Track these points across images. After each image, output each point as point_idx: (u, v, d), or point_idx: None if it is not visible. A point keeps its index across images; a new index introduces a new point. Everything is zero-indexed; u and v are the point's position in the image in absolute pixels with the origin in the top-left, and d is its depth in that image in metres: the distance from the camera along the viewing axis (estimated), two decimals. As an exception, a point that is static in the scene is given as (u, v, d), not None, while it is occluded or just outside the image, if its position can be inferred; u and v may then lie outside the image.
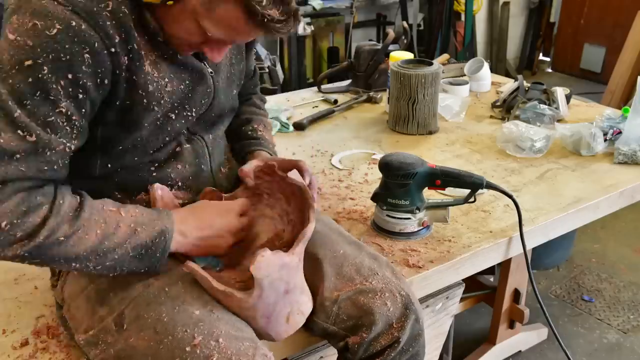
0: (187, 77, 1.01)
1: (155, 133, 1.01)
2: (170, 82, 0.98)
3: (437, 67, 1.83)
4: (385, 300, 1.03)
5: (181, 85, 1.01)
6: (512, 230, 1.35)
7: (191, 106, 1.04)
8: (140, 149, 1.01)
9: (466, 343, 2.05)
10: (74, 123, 0.88)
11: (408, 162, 1.26)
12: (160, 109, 0.98)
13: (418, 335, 1.07)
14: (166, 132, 1.02)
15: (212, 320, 0.91)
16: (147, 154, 1.03)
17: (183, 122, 1.04)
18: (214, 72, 1.07)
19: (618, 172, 1.63)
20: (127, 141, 0.98)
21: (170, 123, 1.02)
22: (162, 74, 0.97)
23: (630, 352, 2.06)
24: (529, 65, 5.23)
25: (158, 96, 0.97)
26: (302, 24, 3.80)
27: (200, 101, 1.05)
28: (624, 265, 2.53)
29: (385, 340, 1.03)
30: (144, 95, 0.95)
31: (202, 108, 1.07)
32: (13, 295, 1.18)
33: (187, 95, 1.02)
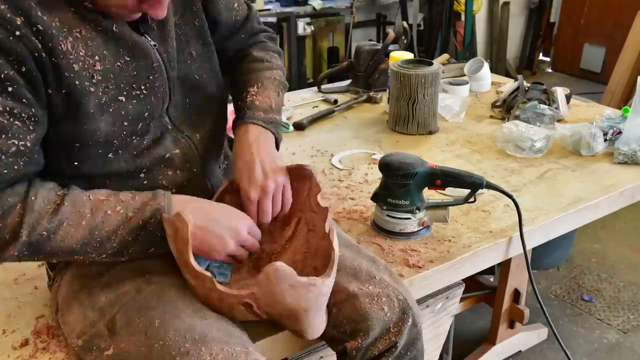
0: (125, 53, 0.95)
1: (112, 122, 0.95)
2: (102, 60, 0.91)
3: (437, 67, 1.83)
4: (382, 305, 1.02)
5: (118, 62, 0.94)
6: (512, 230, 1.35)
7: (138, 83, 0.96)
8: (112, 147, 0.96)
9: (466, 343, 2.05)
10: (21, 116, 0.85)
11: (408, 162, 1.26)
12: (99, 90, 0.92)
13: (416, 339, 1.06)
14: (125, 119, 0.96)
15: (203, 326, 0.91)
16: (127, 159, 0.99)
17: (136, 102, 0.97)
18: (158, 45, 1.00)
19: (618, 172, 1.63)
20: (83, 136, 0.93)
21: (124, 107, 0.95)
22: (91, 52, 0.90)
23: (630, 352, 2.06)
24: (529, 65, 5.23)
25: (87, 75, 0.90)
26: (302, 23, 3.81)
27: (148, 77, 0.98)
28: (624, 265, 2.53)
29: (382, 345, 1.02)
30: (71, 77, 0.88)
31: (154, 85, 0.99)
32: (13, 295, 1.18)
33: (131, 73, 0.95)
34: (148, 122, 1.01)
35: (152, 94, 1.00)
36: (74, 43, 0.89)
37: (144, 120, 1.00)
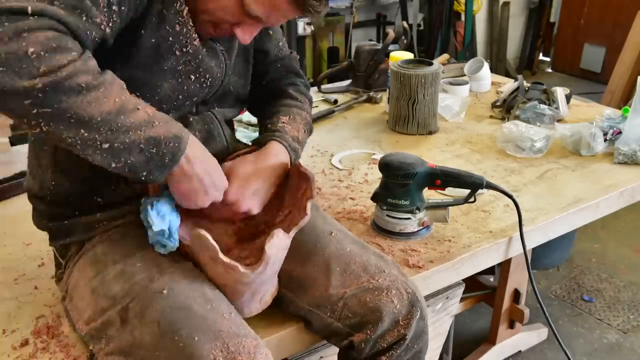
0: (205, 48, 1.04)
1: (174, 89, 1.02)
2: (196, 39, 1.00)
3: (437, 67, 1.83)
4: (392, 297, 1.04)
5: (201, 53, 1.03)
6: (512, 230, 1.35)
7: (208, 74, 1.06)
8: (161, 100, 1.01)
9: (466, 343, 2.05)
10: (112, 12, 0.87)
11: (408, 162, 1.27)
12: (183, 58, 1.00)
13: (423, 332, 1.08)
14: (182, 92, 1.03)
15: (215, 317, 0.92)
16: None
17: (199, 87, 1.05)
18: (224, 51, 1.10)
19: (618, 172, 1.63)
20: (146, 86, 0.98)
21: (189, 83, 1.03)
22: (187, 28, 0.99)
23: (630, 352, 2.06)
24: (529, 65, 5.23)
25: (183, 41, 0.98)
26: (302, 23, 3.81)
27: (216, 74, 1.08)
28: (624, 265, 2.53)
29: (391, 338, 1.04)
30: (169, 32, 0.96)
31: (215, 82, 1.09)
32: (13, 295, 1.18)
33: (208, 64, 1.05)
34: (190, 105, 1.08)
35: (209, 88, 1.08)
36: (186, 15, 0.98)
37: (191, 101, 1.07)
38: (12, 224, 1.40)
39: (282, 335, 1.08)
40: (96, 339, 0.95)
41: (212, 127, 1.13)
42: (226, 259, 0.93)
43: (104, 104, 0.82)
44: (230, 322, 0.92)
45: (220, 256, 0.93)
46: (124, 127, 0.84)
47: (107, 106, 0.82)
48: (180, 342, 0.88)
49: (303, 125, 1.22)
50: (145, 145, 0.86)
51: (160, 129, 0.87)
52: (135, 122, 0.85)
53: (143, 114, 0.86)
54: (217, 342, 0.88)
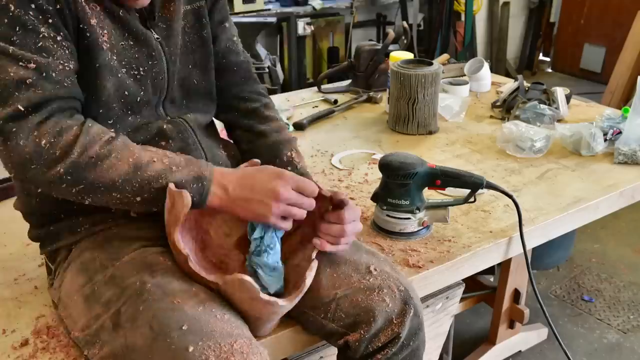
0: (130, 37, 1.03)
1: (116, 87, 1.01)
2: (109, 34, 1.00)
3: (437, 67, 1.83)
4: (383, 296, 1.03)
5: (122, 42, 1.02)
6: (512, 230, 1.35)
7: (137, 65, 1.04)
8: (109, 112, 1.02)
9: (466, 343, 2.05)
10: (62, 44, 0.93)
11: (408, 162, 1.27)
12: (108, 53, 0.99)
13: (418, 329, 1.07)
14: (126, 88, 1.03)
15: (207, 318, 0.91)
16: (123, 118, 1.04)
17: (133, 81, 1.04)
18: (161, 39, 1.08)
19: (618, 172, 1.63)
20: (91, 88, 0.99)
21: (125, 80, 1.03)
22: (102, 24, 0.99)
23: (630, 352, 2.06)
24: (529, 65, 5.23)
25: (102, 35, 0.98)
26: (302, 23, 3.81)
27: (148, 62, 1.05)
28: (624, 265, 2.53)
29: (385, 337, 1.03)
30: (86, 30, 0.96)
31: (152, 71, 1.06)
32: (13, 295, 1.18)
33: (133, 55, 1.04)
34: (143, 105, 1.07)
35: (149, 78, 1.07)
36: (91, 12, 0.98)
37: (139, 100, 1.06)
38: (12, 224, 1.40)
39: (280, 336, 1.08)
40: (90, 344, 0.95)
41: (187, 135, 1.12)
42: (266, 296, 0.94)
43: (120, 167, 0.93)
44: (224, 322, 0.92)
45: (261, 296, 0.93)
46: (145, 180, 0.94)
47: (124, 168, 0.93)
48: (172, 344, 0.88)
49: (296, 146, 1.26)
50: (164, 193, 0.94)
51: (180, 174, 0.95)
52: (153, 174, 0.94)
53: (159, 164, 0.95)
54: (209, 343, 0.88)
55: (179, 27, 1.12)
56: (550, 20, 5.14)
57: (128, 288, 0.96)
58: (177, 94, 1.14)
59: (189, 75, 1.15)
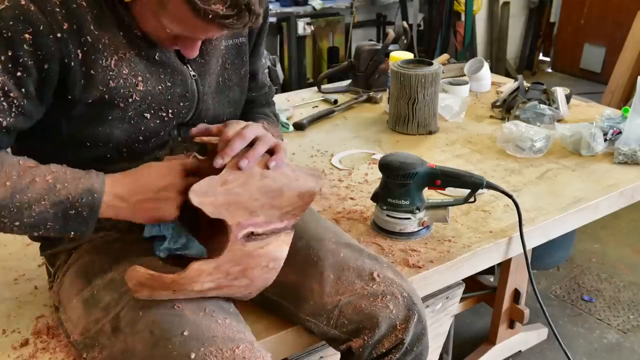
0: (166, 79, 1.00)
1: (129, 132, 0.98)
2: (144, 82, 0.97)
3: (437, 67, 1.83)
4: (387, 302, 1.03)
5: (159, 85, 0.99)
6: (512, 230, 1.35)
7: (167, 107, 1.02)
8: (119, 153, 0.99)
9: (466, 343, 2.05)
10: (12, 101, 0.86)
11: (408, 162, 1.27)
12: (129, 107, 0.96)
13: (421, 335, 1.07)
14: (140, 132, 1.00)
15: (209, 323, 0.91)
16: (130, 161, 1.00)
17: (159, 122, 1.01)
18: (197, 76, 1.05)
19: (618, 172, 1.63)
20: (95, 137, 0.96)
21: (145, 123, 1.00)
22: (135, 72, 0.95)
23: (630, 352, 2.06)
24: (529, 65, 5.23)
25: (124, 93, 0.95)
26: (302, 23, 3.81)
27: (178, 104, 1.03)
28: (624, 265, 2.53)
29: (389, 343, 1.03)
30: (104, 91, 0.93)
31: (181, 112, 1.04)
32: (13, 295, 1.18)
33: (166, 96, 1.01)
34: (162, 134, 1.04)
35: (176, 118, 1.04)
36: (118, 62, 0.93)
37: (157, 135, 1.03)
38: (12, 224, 1.40)
39: (282, 337, 1.08)
40: (89, 348, 0.95)
41: None
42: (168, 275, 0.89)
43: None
44: (225, 327, 0.92)
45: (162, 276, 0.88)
46: (24, 204, 0.85)
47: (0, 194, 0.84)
48: (173, 350, 0.87)
49: (275, 126, 1.21)
50: (54, 210, 0.87)
51: (66, 190, 0.88)
52: (33, 196, 0.86)
53: (41, 184, 0.86)
54: (211, 349, 0.87)
55: (217, 64, 1.08)
56: (550, 20, 5.14)
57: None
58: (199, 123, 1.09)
59: (222, 113, 1.12)
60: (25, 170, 0.87)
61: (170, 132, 1.06)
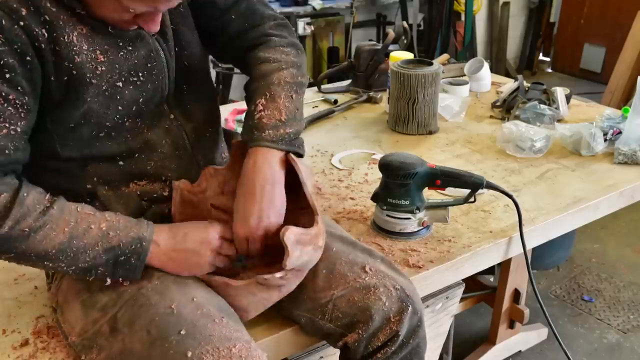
0: (126, 44, 0.98)
1: (106, 104, 0.97)
2: (104, 53, 0.95)
3: (437, 67, 1.83)
4: (379, 295, 1.03)
5: (120, 52, 0.97)
6: (512, 230, 1.35)
7: (137, 71, 0.99)
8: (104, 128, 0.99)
9: (466, 343, 2.05)
10: (15, 103, 0.87)
11: (408, 162, 1.27)
12: (100, 80, 0.95)
13: (417, 327, 1.07)
14: (119, 103, 0.99)
15: (206, 322, 0.91)
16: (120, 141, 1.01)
17: (132, 88, 0.99)
18: (158, 35, 1.02)
19: (618, 172, 1.63)
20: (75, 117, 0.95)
21: (120, 92, 0.98)
22: (93, 47, 0.94)
23: (630, 352, 2.06)
24: (529, 65, 5.22)
25: (90, 67, 0.94)
26: (302, 23, 3.81)
27: (145, 64, 1.01)
28: (624, 265, 2.53)
29: (384, 336, 1.03)
30: (72, 67, 0.92)
31: (152, 72, 1.02)
32: (13, 295, 1.18)
33: (133, 61, 0.99)
34: (143, 107, 1.03)
35: (149, 81, 1.02)
36: (78, 37, 0.92)
37: (138, 104, 1.02)
38: (12, 224, 1.40)
39: (280, 337, 1.08)
40: (87, 349, 0.96)
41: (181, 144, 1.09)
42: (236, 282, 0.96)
43: (54, 238, 0.89)
44: (222, 326, 0.92)
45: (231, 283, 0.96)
46: (80, 249, 0.91)
47: (58, 238, 0.90)
48: (170, 349, 0.88)
49: (286, 93, 1.08)
50: (107, 257, 0.93)
51: (117, 238, 0.93)
52: (89, 242, 0.92)
53: (96, 231, 0.92)
54: (207, 347, 0.87)
55: (167, 14, 1.04)
56: (550, 20, 5.14)
57: (125, 293, 0.96)
58: (177, 84, 1.08)
59: (180, 57, 1.08)
60: (82, 218, 0.93)
61: (157, 104, 1.05)
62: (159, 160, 1.06)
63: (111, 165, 1.03)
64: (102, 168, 1.02)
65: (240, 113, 2.00)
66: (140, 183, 1.06)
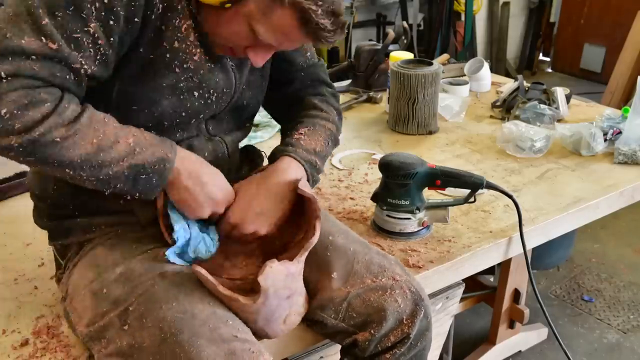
0: (212, 62, 1.02)
1: (174, 106, 1.00)
2: (200, 56, 0.99)
3: (437, 67, 1.83)
4: (395, 297, 1.04)
5: (208, 64, 1.01)
6: (512, 230, 1.35)
7: (213, 89, 1.04)
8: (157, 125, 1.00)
9: (466, 343, 2.05)
10: (99, 48, 0.88)
11: (408, 162, 1.27)
12: (182, 75, 0.98)
13: (426, 330, 1.08)
14: (185, 110, 1.02)
15: (216, 323, 0.91)
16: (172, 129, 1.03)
17: (202, 103, 1.03)
18: (235, 66, 1.07)
19: (618, 172, 1.63)
20: (143, 101, 0.98)
21: (192, 100, 1.02)
22: (195, 44, 0.97)
23: (630, 352, 2.06)
24: (529, 65, 5.23)
25: (182, 58, 0.97)
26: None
27: (222, 89, 1.05)
28: (624, 265, 2.53)
29: (395, 337, 1.04)
30: (167, 49, 0.95)
31: (221, 97, 1.06)
32: (13, 295, 1.18)
33: (214, 78, 1.03)
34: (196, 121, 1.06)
35: (216, 103, 1.06)
36: (188, 29, 0.96)
37: (197, 118, 1.06)
38: (12, 224, 1.40)
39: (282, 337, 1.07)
40: (95, 340, 0.95)
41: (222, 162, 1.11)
42: (226, 291, 0.94)
43: (81, 147, 0.88)
44: (231, 328, 0.92)
45: (220, 289, 0.93)
46: (105, 162, 0.90)
47: (85, 149, 0.88)
48: (181, 347, 0.88)
49: (325, 136, 1.18)
50: (129, 173, 0.92)
51: (143, 155, 0.93)
52: (115, 156, 0.91)
53: (123, 146, 0.91)
54: (217, 348, 0.88)
55: None
56: (550, 20, 5.14)
57: (138, 287, 0.96)
58: (224, 114, 1.13)
59: (241, 98, 1.13)
60: (109, 130, 0.91)
61: (199, 124, 1.08)
62: None
63: None
64: None
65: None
66: None
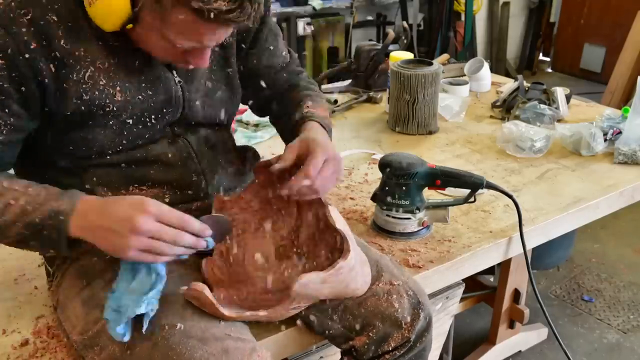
0: (147, 87, 1.00)
1: (111, 137, 0.99)
2: (123, 91, 0.97)
3: (437, 67, 1.83)
4: (392, 301, 1.03)
5: (140, 94, 0.99)
6: (512, 230, 1.35)
7: (150, 114, 1.01)
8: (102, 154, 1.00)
9: (466, 343, 2.05)
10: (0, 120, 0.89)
11: (408, 162, 1.27)
12: (108, 116, 0.97)
13: (426, 331, 1.07)
14: (124, 137, 1.01)
15: (207, 323, 0.91)
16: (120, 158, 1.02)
17: (142, 127, 1.02)
18: (183, 82, 1.04)
19: (618, 172, 1.63)
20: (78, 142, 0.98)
21: (128, 128, 1.00)
22: (113, 82, 0.96)
23: (630, 352, 2.06)
24: (529, 65, 5.22)
25: (101, 104, 0.95)
26: (302, 23, 3.81)
27: (162, 110, 1.03)
28: (624, 265, 2.53)
29: (395, 342, 1.03)
30: (79, 104, 0.94)
31: (165, 117, 1.04)
32: (13, 295, 1.18)
33: (148, 104, 1.00)
34: (148, 137, 1.04)
35: (159, 124, 1.04)
36: (95, 74, 0.94)
37: (143, 138, 1.04)
38: (12, 224, 1.40)
39: (282, 336, 1.07)
40: (88, 348, 0.95)
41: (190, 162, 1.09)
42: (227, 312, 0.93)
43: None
44: (224, 326, 0.92)
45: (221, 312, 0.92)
46: (3, 226, 0.89)
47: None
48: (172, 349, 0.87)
49: (323, 107, 1.20)
50: (30, 232, 0.89)
51: (35, 213, 0.89)
52: (8, 219, 0.88)
53: (14, 208, 0.88)
54: (210, 348, 0.88)
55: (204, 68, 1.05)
56: (550, 20, 5.14)
57: None
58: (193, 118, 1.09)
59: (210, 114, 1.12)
60: (5, 194, 0.90)
61: (159, 131, 1.06)
62: (161, 168, 1.06)
63: (112, 169, 1.03)
64: (102, 171, 1.03)
65: (241, 113, 2.00)
66: (142, 187, 1.06)
